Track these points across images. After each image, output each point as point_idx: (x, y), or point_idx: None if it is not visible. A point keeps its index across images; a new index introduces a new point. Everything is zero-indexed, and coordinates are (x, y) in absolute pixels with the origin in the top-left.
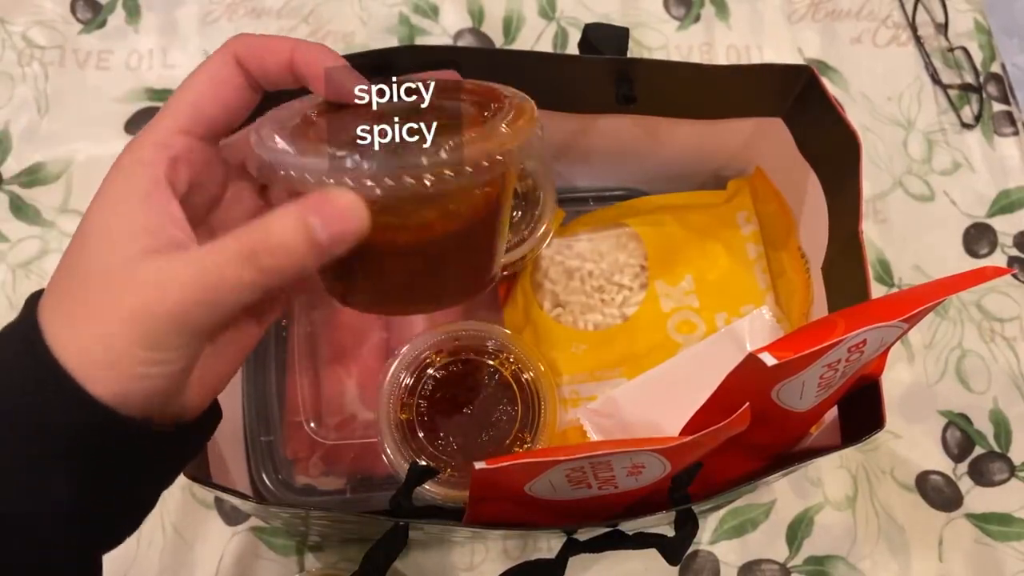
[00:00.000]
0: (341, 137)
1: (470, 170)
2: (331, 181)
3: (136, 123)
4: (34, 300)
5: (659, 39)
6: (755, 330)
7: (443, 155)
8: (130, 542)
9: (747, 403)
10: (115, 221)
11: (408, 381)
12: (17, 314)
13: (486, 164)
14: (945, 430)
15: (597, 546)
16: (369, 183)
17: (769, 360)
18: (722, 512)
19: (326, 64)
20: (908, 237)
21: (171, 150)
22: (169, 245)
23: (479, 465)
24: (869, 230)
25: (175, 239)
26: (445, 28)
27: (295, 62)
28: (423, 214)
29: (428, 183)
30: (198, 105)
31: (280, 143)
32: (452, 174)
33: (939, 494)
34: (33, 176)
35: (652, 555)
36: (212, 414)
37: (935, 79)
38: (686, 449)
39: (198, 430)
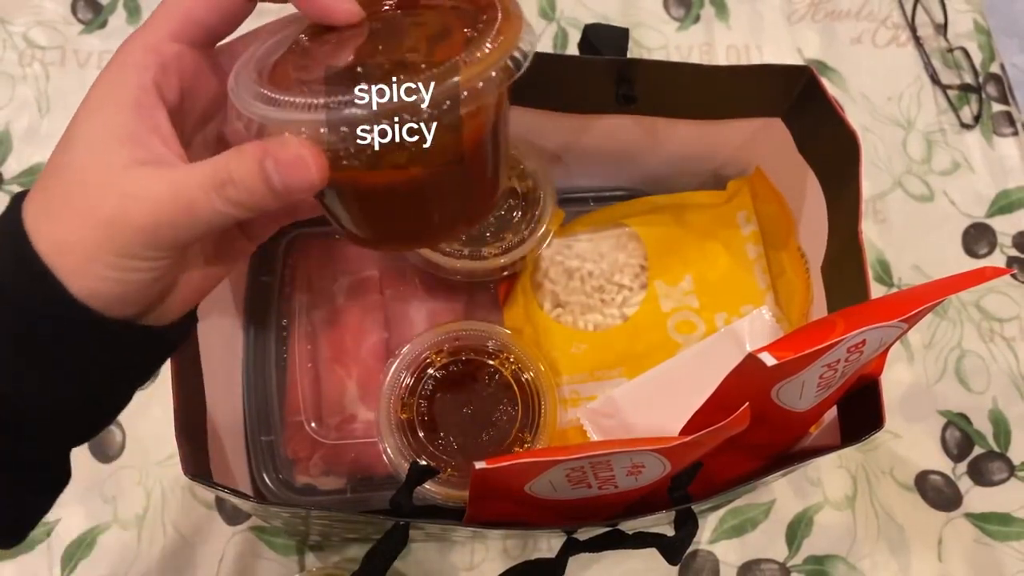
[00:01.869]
0: (334, 73)
1: (429, 114)
2: (288, 133)
3: None
4: (20, 198)
5: (659, 39)
6: (755, 330)
7: (398, 99)
8: (131, 541)
9: (747, 403)
10: (101, 126)
11: (409, 381)
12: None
13: (447, 105)
14: (944, 430)
15: (597, 546)
16: (325, 133)
17: (769, 360)
18: (722, 512)
19: None
20: (908, 237)
21: (161, 56)
22: (152, 158)
23: (479, 465)
24: (869, 230)
25: (158, 153)
26: None
27: None
28: (393, 158)
29: (383, 136)
30: (190, 11)
31: (252, 91)
32: (412, 121)
33: (938, 494)
34: (34, 176)
35: (652, 554)
36: (189, 318)
37: (934, 79)
38: (686, 449)
39: (173, 332)
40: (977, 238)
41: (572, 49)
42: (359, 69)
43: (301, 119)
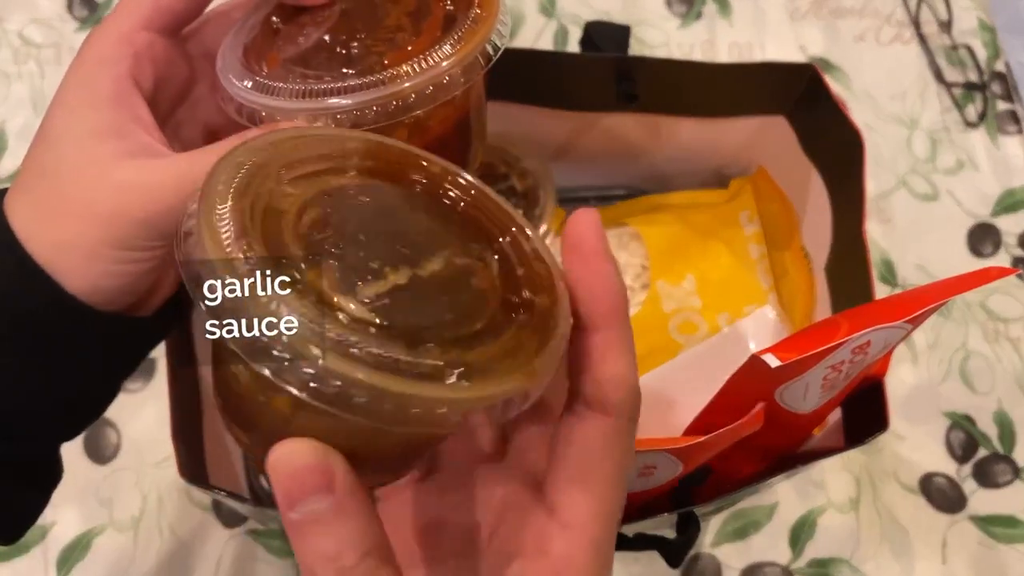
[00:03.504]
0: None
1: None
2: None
3: None
4: None
5: (661, 37)
6: (758, 331)
7: (387, 88)
8: (127, 544)
9: (761, 403)
10: (83, 123)
11: None
12: None
13: (429, 91)
14: (949, 432)
15: None
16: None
17: (773, 361)
18: (724, 514)
19: None
20: (912, 237)
21: (134, 46)
22: (140, 149)
23: None
24: (872, 230)
25: (144, 143)
26: None
27: None
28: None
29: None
30: None
31: (240, 81)
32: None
33: (943, 496)
34: None
35: (653, 557)
36: (172, 306)
37: (939, 77)
38: (700, 449)
39: (160, 321)
40: (982, 238)
41: (573, 46)
42: (342, 50)
43: (298, 107)
